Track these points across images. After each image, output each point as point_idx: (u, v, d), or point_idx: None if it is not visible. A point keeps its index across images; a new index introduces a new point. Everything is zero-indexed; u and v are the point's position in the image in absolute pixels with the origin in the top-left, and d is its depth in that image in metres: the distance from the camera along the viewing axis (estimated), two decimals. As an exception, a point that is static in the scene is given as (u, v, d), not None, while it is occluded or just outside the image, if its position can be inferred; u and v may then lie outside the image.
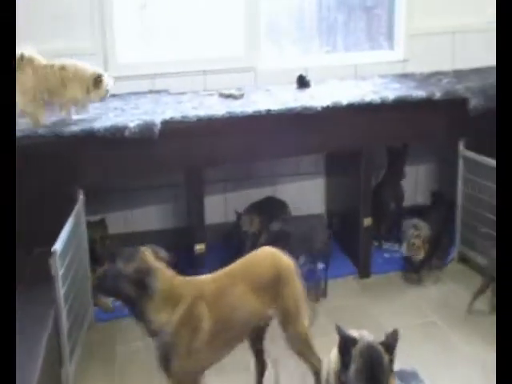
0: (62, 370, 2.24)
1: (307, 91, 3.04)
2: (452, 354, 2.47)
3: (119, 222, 3.17)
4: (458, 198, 3.14)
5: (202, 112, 2.64)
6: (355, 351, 1.59)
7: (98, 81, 2.50)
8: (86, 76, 2.50)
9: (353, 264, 3.16)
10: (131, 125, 2.47)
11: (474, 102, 2.96)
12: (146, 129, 2.48)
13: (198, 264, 2.74)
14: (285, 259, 1.95)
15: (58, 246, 2.15)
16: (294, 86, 3.13)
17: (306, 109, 2.74)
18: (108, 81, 2.55)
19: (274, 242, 2.33)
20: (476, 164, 3.00)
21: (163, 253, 1.75)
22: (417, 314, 2.76)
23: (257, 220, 3.04)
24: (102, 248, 2.81)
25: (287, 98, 2.87)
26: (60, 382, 2.25)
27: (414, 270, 3.02)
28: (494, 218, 2.84)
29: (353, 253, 3.17)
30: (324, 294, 2.88)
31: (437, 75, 3.34)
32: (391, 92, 2.94)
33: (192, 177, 2.70)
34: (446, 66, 3.46)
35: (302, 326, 1.96)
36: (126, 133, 2.44)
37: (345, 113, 2.81)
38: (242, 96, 2.92)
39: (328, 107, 2.77)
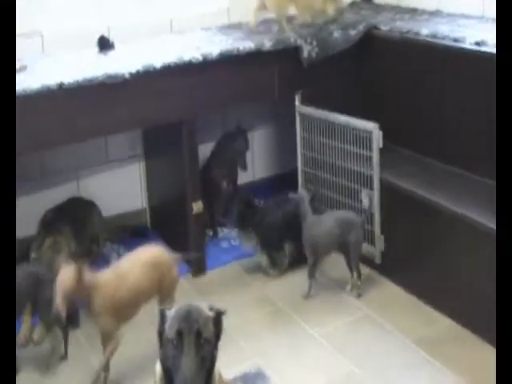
0: None
1: (112, 55, 2.84)
2: (300, 340, 2.52)
3: None
4: (298, 162, 3.16)
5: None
6: (170, 313, 1.56)
7: None
8: None
9: (183, 261, 3.01)
10: None
11: (307, 50, 2.95)
12: None
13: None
14: None
15: None
16: (96, 50, 2.89)
17: (110, 77, 2.55)
18: None
19: None
20: (315, 121, 3.02)
21: None
22: (261, 305, 2.77)
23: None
24: None
25: (86, 66, 2.64)
26: None
27: None
28: (335, 180, 2.97)
29: (183, 248, 3.00)
30: None
31: (267, 23, 3.29)
32: (216, 47, 2.83)
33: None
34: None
35: None
36: None
37: (160, 77, 2.66)
38: (24, 68, 2.62)
39: (138, 73, 2.60)
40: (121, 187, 3.29)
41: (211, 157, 3.30)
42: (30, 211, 2.94)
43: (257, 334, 2.56)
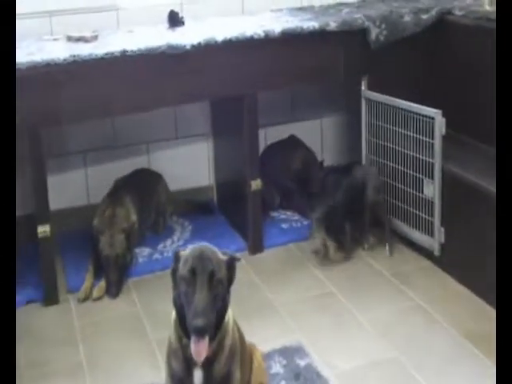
0: None
1: (179, 30, 2.95)
2: (346, 323, 2.51)
3: None
4: (362, 148, 3.15)
5: (39, 57, 2.49)
6: (184, 252, 1.60)
7: None
8: None
9: (242, 238, 3.11)
10: None
11: (375, 33, 2.95)
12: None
13: (45, 253, 2.62)
14: None
15: None
16: (166, 25, 3.02)
17: (171, 48, 2.66)
18: None
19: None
20: (380, 106, 3.00)
21: None
22: (312, 287, 2.77)
23: (120, 237, 2.77)
24: None
25: (152, 38, 2.76)
26: None
27: None
28: (398, 168, 2.94)
29: (242, 225, 3.12)
30: None
31: (339, 6, 3.33)
32: (280, 25, 2.89)
33: (29, 142, 2.53)
34: (353, -5, 3.44)
35: None
36: None
37: (221, 51, 2.75)
38: (95, 38, 2.79)
39: (200, 45, 2.70)
40: (189, 163, 3.40)
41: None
42: (102, 179, 3.14)
43: (303, 313, 2.57)
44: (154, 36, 2.82)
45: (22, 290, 2.68)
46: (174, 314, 1.64)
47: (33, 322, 2.58)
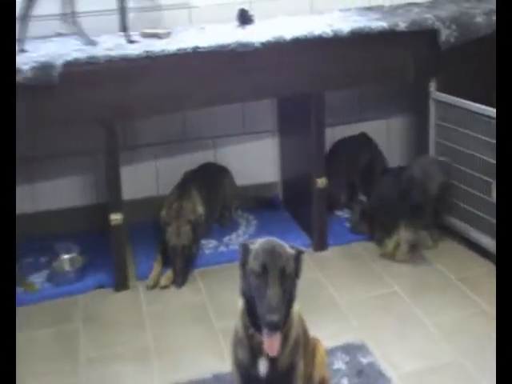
0: None
1: (249, 28, 2.99)
2: (410, 325, 2.50)
3: (22, 199, 3.05)
4: (430, 150, 3.12)
5: (114, 53, 2.59)
6: (254, 246, 1.62)
7: None
8: None
9: (307, 235, 3.13)
10: (24, 68, 2.41)
11: (445, 34, 2.91)
12: (43, 72, 2.42)
13: (117, 239, 2.71)
14: None
15: None
16: (236, 23, 3.07)
17: (241, 45, 2.71)
18: None
19: None
20: (450, 108, 2.96)
21: None
22: (377, 286, 2.77)
23: (187, 228, 2.85)
24: None
25: (222, 35, 2.82)
26: None
27: None
28: (465, 170, 2.90)
29: (306, 222, 3.15)
30: None
31: (408, 6, 3.30)
32: (348, 25, 2.89)
33: (104, 135, 2.63)
34: (422, -5, 3.41)
35: None
36: (18, 78, 2.37)
37: (290, 49, 2.78)
38: (168, 35, 2.87)
39: (269, 43, 2.73)
40: (256, 159, 3.47)
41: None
42: (171, 171, 3.24)
43: (367, 312, 2.58)
44: (225, 33, 2.88)
45: (94, 274, 2.82)
46: (240, 303, 1.67)
47: (103, 305, 2.69)
